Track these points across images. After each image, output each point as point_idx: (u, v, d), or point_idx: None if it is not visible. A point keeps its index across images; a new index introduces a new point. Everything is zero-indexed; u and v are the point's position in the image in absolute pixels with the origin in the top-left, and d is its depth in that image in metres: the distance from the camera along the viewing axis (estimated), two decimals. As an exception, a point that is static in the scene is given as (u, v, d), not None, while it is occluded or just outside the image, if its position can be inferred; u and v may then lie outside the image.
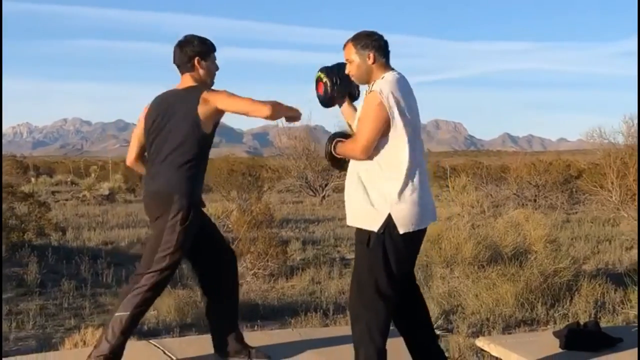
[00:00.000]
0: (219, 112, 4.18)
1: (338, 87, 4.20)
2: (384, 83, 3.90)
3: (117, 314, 4.10)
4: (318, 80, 4.29)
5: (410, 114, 3.91)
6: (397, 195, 3.85)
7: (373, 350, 3.92)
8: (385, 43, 4.06)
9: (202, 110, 4.14)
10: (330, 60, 4.34)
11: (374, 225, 3.88)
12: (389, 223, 3.84)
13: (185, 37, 4.37)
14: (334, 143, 4.13)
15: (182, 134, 4.17)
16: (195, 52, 4.30)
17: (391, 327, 4.17)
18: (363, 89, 4.20)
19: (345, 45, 4.07)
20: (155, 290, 4.16)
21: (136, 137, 4.50)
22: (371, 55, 3.99)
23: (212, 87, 4.37)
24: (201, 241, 4.41)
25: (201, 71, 4.32)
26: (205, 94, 4.17)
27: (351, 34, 4.09)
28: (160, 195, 4.21)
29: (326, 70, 4.25)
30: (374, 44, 4.01)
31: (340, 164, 4.23)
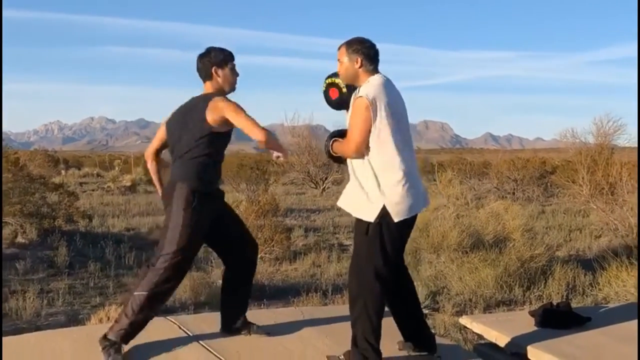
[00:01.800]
0: (228, 120, 4.15)
1: (349, 90, 4.19)
2: (369, 87, 3.91)
3: (135, 293, 4.10)
4: (330, 85, 4.26)
5: (396, 114, 3.91)
6: (389, 188, 3.88)
7: (369, 327, 3.94)
8: (375, 52, 4.06)
9: (210, 115, 4.11)
10: (327, 65, 4.34)
11: (370, 216, 3.90)
12: (384, 213, 3.87)
13: (206, 49, 4.35)
14: (331, 142, 4.14)
15: (193, 136, 4.17)
16: (212, 62, 4.28)
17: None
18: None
19: (339, 47, 4.10)
20: (172, 272, 4.10)
21: (157, 137, 4.52)
22: (359, 60, 4.01)
23: (227, 96, 4.31)
24: (222, 230, 4.41)
25: (219, 79, 4.29)
26: (215, 101, 4.15)
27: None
28: (168, 186, 4.24)
29: (337, 76, 4.24)
30: (364, 51, 4.02)
31: (338, 159, 4.24)
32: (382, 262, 3.92)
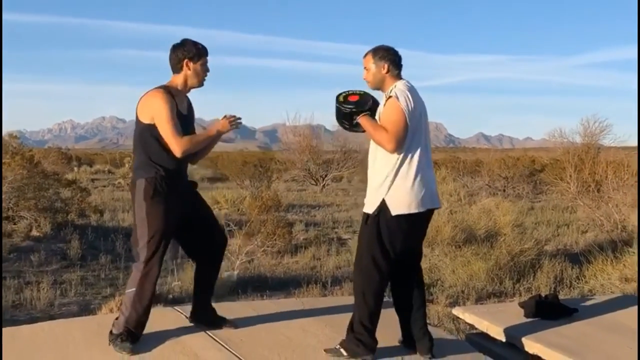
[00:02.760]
0: (153, 118, 4.01)
1: (365, 95, 4.17)
2: (399, 91, 3.95)
3: (127, 291, 4.08)
4: (351, 93, 4.20)
5: (415, 117, 3.93)
6: (395, 184, 3.91)
7: (366, 313, 3.96)
8: (399, 58, 4.11)
9: (142, 110, 4.04)
10: (327, 68, 4.32)
11: (370, 207, 3.98)
12: (382, 206, 3.91)
13: (181, 40, 4.17)
14: (362, 114, 4.05)
15: (136, 132, 4.11)
16: (185, 55, 4.10)
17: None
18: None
19: (365, 55, 4.14)
20: (151, 263, 4.01)
21: None
22: (385, 66, 4.05)
23: (198, 89, 4.23)
24: (193, 221, 4.29)
25: (189, 72, 4.12)
26: (151, 96, 4.03)
27: (358, 47, 4.10)
28: (130, 185, 4.15)
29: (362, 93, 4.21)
30: (389, 57, 4.07)
31: (353, 128, 4.17)
32: (380, 252, 3.94)
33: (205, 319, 4.50)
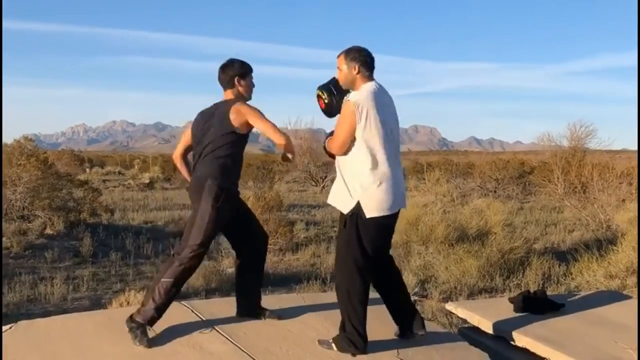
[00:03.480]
0: (250, 124, 4.18)
1: (336, 99, 4.18)
2: (361, 93, 3.90)
3: (163, 280, 4.10)
4: (318, 97, 4.26)
5: (382, 119, 3.87)
6: (366, 186, 3.86)
7: (354, 313, 3.92)
8: (371, 59, 4.04)
9: (233, 117, 4.15)
10: (326, 74, 4.33)
11: (346, 209, 3.92)
12: (358, 208, 3.87)
13: (228, 60, 4.37)
14: (326, 139, 4.17)
15: (217, 136, 4.20)
16: (236, 73, 4.32)
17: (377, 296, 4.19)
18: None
19: (338, 55, 4.08)
20: (194, 262, 4.15)
21: (182, 140, 4.55)
22: (356, 67, 3.99)
23: (249, 102, 4.34)
24: (239, 223, 4.42)
25: (240, 88, 4.33)
26: (238, 106, 4.18)
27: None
28: (196, 183, 4.22)
29: (322, 88, 4.22)
30: (361, 59, 4.00)
31: (332, 155, 4.20)
32: (359, 252, 3.91)
33: (253, 308, 4.59)
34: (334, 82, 4.18)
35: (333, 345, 3.99)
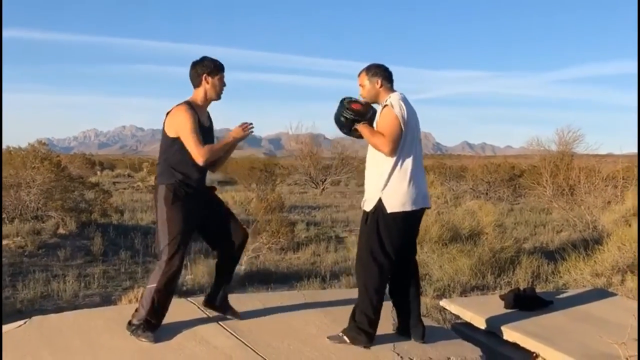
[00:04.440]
0: (177, 132, 4.04)
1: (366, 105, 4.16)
2: (394, 101, 3.97)
3: (148, 286, 4.07)
4: (353, 101, 4.17)
5: (409, 124, 3.96)
6: (390, 185, 3.94)
7: (368, 304, 3.98)
8: (390, 73, 4.14)
9: (168, 124, 4.06)
10: (325, 82, 4.33)
11: (369, 206, 4.00)
12: (379, 205, 3.94)
13: (201, 57, 4.19)
14: (361, 122, 4.05)
15: (161, 141, 4.15)
16: (204, 70, 4.13)
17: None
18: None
19: (359, 74, 4.15)
20: (173, 262, 4.01)
21: None
22: (379, 81, 4.08)
23: (215, 102, 4.23)
24: (211, 222, 4.30)
25: (207, 86, 4.14)
26: (177, 111, 4.05)
27: (355, 63, 4.12)
28: (153, 189, 4.17)
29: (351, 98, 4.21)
30: (381, 73, 4.10)
31: (353, 134, 4.15)
32: (378, 246, 3.96)
33: (218, 304, 4.48)
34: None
35: (345, 337, 4.01)
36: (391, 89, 4.11)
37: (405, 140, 3.94)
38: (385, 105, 3.98)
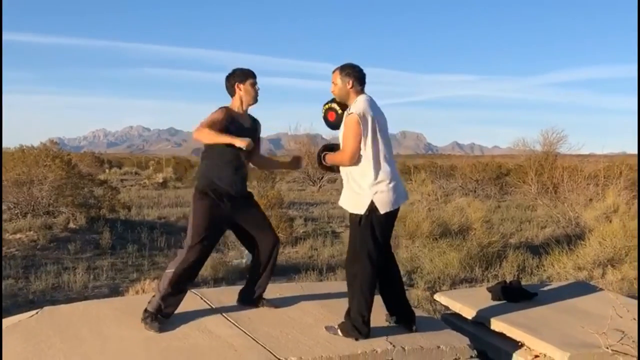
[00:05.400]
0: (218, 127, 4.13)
1: (342, 112, 4.16)
2: (358, 105, 3.93)
3: (166, 271, 4.11)
4: (329, 109, 4.21)
5: (379, 125, 3.93)
6: (375, 186, 3.91)
7: (363, 302, 3.96)
8: (363, 75, 4.08)
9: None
10: (323, 85, 4.35)
11: (361, 209, 3.94)
12: (372, 206, 3.91)
13: (232, 70, 4.35)
14: (323, 155, 4.16)
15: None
16: (235, 79, 4.28)
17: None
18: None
19: (333, 71, 4.11)
20: (193, 255, 4.07)
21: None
22: (350, 82, 4.03)
23: (253, 105, 4.36)
24: (244, 226, 4.37)
25: (241, 93, 4.28)
26: (216, 113, 4.19)
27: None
28: (193, 183, 4.31)
29: (332, 101, 4.22)
30: (354, 74, 4.04)
31: (329, 168, 4.24)
32: (373, 246, 3.95)
33: (250, 300, 4.54)
34: (336, 99, 4.20)
35: (339, 331, 4.01)
36: (361, 91, 4.06)
37: (378, 143, 3.92)
38: (350, 114, 3.92)
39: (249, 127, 4.34)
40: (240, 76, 4.29)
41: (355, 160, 3.92)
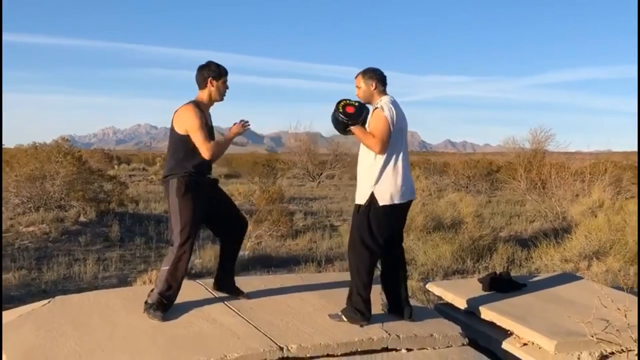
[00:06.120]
0: (186, 130, 4.03)
1: (359, 106, 4.14)
2: (384, 103, 3.99)
3: (162, 268, 4.09)
4: (347, 104, 4.15)
5: (398, 125, 3.96)
6: (381, 180, 3.95)
7: (361, 285, 4.00)
8: (384, 77, 4.12)
9: (176, 122, 4.05)
10: (322, 85, 4.34)
11: (362, 199, 4.01)
12: (372, 198, 3.96)
13: (206, 62, 4.18)
14: (355, 123, 4.02)
15: (170, 137, 4.13)
16: (210, 74, 4.11)
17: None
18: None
19: (357, 76, 4.15)
20: (183, 248, 4.03)
21: None
22: (373, 84, 4.07)
23: (218, 103, 4.21)
24: (216, 212, 4.28)
25: (212, 89, 4.12)
26: (184, 110, 4.05)
27: (349, 69, 4.14)
28: (163, 182, 4.16)
29: (347, 99, 4.21)
30: (376, 77, 4.09)
31: (347, 132, 4.13)
32: (369, 235, 3.98)
33: (226, 287, 4.50)
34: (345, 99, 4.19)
35: (343, 317, 4.03)
36: (384, 92, 4.11)
37: (394, 140, 3.96)
38: (377, 108, 3.99)
39: (211, 125, 4.23)
40: (215, 72, 4.11)
41: (385, 151, 3.91)
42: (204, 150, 3.99)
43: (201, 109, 4.10)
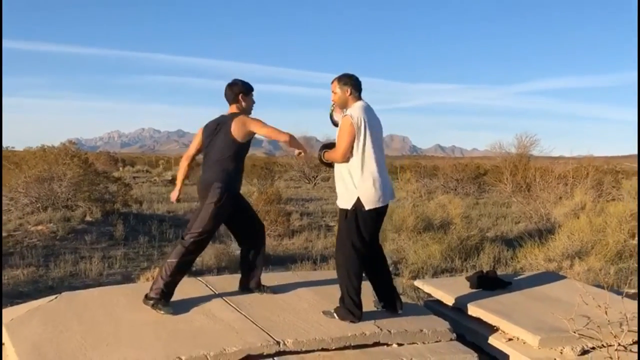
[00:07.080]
0: (252, 132, 4.18)
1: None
2: (354, 109, 3.97)
3: (168, 260, 4.11)
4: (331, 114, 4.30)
5: (371, 129, 3.94)
6: (363, 184, 3.93)
7: (351, 287, 3.98)
8: (359, 83, 4.11)
9: (235, 128, 4.14)
10: (318, 92, 4.38)
11: (348, 204, 3.98)
12: (358, 203, 3.93)
13: (234, 80, 4.33)
14: (323, 152, 4.18)
15: (222, 145, 4.18)
16: (240, 90, 4.28)
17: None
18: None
19: (332, 81, 4.14)
20: (195, 247, 4.12)
21: (194, 143, 4.44)
22: (348, 89, 4.06)
23: (250, 115, 4.33)
24: (240, 217, 4.40)
25: (243, 104, 4.29)
26: (240, 118, 4.18)
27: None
28: (205, 184, 4.20)
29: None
30: (351, 83, 4.07)
31: (328, 164, 4.26)
32: (357, 238, 3.97)
33: (252, 286, 4.56)
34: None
35: (335, 315, 4.02)
36: (358, 98, 4.09)
37: (369, 145, 3.92)
38: (345, 115, 3.97)
39: None
40: (244, 87, 4.30)
41: (347, 158, 3.94)
42: (282, 133, 4.15)
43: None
